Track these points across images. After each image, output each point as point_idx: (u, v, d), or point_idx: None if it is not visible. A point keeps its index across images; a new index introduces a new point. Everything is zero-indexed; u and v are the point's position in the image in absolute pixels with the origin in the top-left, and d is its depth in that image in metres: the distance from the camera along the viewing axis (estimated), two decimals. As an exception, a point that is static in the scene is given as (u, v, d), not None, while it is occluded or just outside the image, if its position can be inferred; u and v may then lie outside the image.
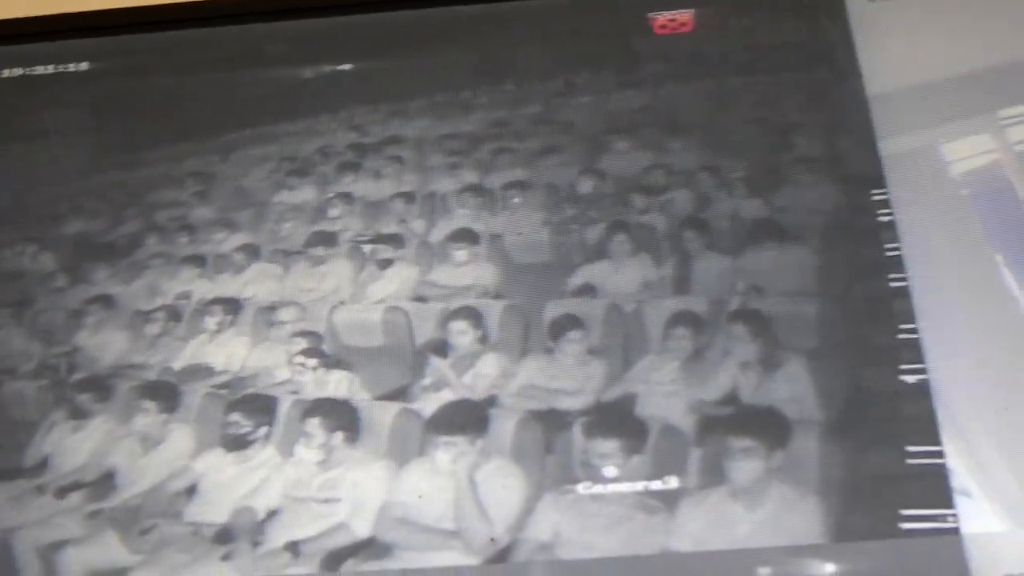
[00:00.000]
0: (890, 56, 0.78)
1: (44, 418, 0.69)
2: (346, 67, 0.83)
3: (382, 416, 0.67)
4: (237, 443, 0.67)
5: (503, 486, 0.63)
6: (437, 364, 0.69)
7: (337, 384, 0.69)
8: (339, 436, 0.66)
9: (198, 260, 0.76)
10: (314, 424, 0.67)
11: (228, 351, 0.71)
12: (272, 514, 0.64)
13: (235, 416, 0.68)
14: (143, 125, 0.82)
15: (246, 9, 0.84)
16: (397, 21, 0.84)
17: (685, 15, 0.82)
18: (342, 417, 0.67)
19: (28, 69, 0.84)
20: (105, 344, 0.72)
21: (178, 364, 0.71)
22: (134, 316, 0.74)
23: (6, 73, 0.84)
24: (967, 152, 0.74)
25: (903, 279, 0.68)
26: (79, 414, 0.69)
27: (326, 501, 0.64)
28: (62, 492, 0.66)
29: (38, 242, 0.77)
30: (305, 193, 0.79)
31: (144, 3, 0.84)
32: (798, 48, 0.79)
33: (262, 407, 0.68)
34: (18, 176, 0.81)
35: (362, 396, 0.68)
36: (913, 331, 0.66)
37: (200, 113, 0.82)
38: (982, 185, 0.73)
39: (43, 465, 0.67)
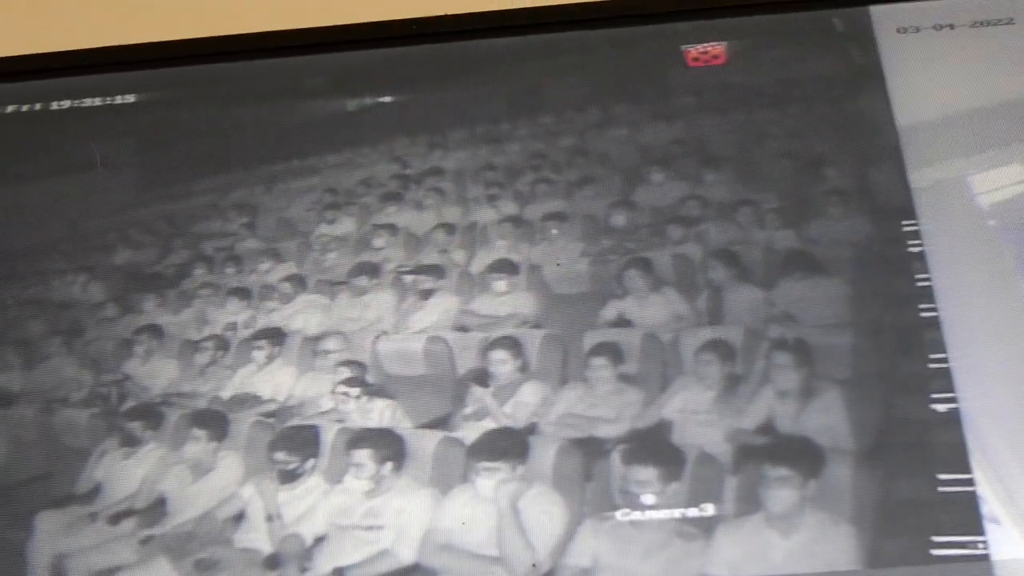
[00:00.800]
0: (919, 87, 0.79)
1: (96, 446, 0.71)
2: (386, 99, 0.85)
3: (425, 444, 0.68)
4: (287, 478, 0.68)
5: (544, 512, 0.64)
6: (478, 393, 0.70)
7: (380, 413, 0.70)
8: (389, 466, 0.68)
9: (245, 291, 0.78)
10: (364, 455, 0.68)
11: (275, 380, 0.73)
12: (319, 541, 0.65)
13: (280, 455, 0.69)
14: (188, 157, 0.84)
15: (287, 43, 0.85)
16: (436, 54, 0.85)
17: (718, 48, 0.83)
18: (391, 447, 0.68)
19: (77, 101, 0.86)
20: (155, 373, 0.74)
21: (227, 393, 0.73)
22: (183, 345, 0.75)
23: (55, 105, 0.86)
24: (996, 183, 0.75)
25: (934, 309, 0.69)
26: (130, 441, 0.71)
27: (370, 528, 0.65)
28: (115, 519, 0.68)
29: (88, 272, 0.79)
30: (348, 224, 0.81)
31: (188, 37, 0.86)
32: (829, 80, 0.80)
33: (306, 440, 0.69)
34: (68, 207, 0.82)
35: (404, 425, 0.69)
36: (944, 361, 0.67)
37: (244, 145, 0.84)
38: (1011, 216, 0.74)
39: (95, 492, 0.69)
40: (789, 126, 0.80)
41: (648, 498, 0.64)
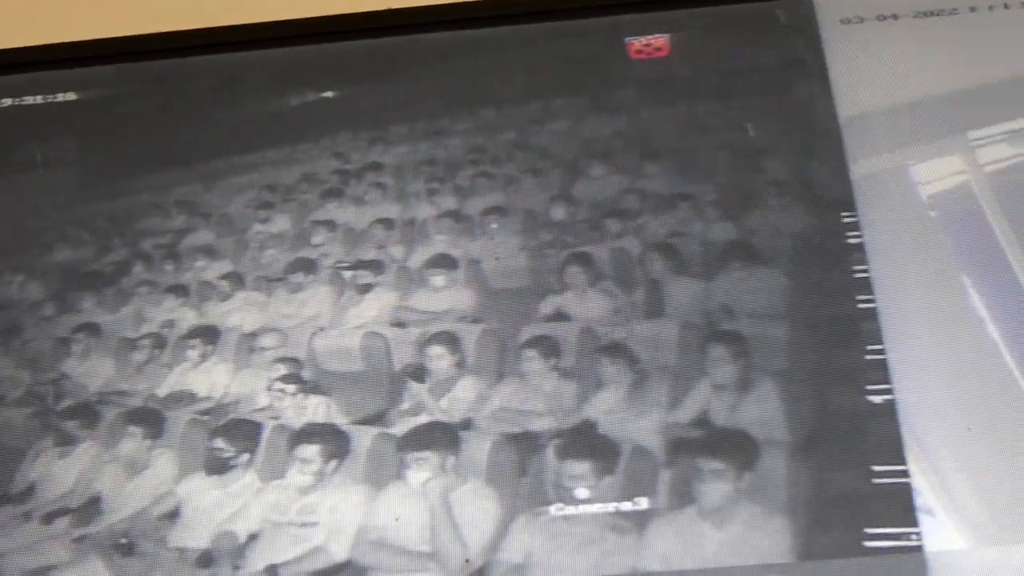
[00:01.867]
0: (862, 78, 0.79)
1: (31, 445, 0.70)
2: (328, 95, 0.85)
3: (361, 441, 0.68)
4: (219, 468, 0.68)
5: (477, 508, 0.64)
6: (415, 389, 0.70)
7: (315, 409, 0.70)
8: (333, 464, 0.67)
9: (183, 289, 0.77)
10: (313, 451, 0.68)
11: (211, 378, 0.72)
12: (252, 538, 0.65)
13: (219, 442, 0.69)
14: (129, 154, 0.84)
15: (229, 39, 0.85)
16: (378, 49, 0.85)
17: (661, 40, 0.83)
18: (338, 443, 0.68)
19: (17, 100, 0.86)
20: (92, 371, 0.74)
21: (163, 391, 0.72)
22: (120, 344, 0.75)
23: (-5, 104, 0.86)
24: (937, 174, 0.75)
25: (871, 300, 0.69)
26: (66, 440, 0.70)
27: (304, 525, 0.65)
28: (48, 518, 0.67)
29: (25, 271, 0.79)
30: (286, 221, 0.80)
31: (130, 34, 0.85)
32: (771, 71, 0.80)
33: (246, 433, 0.69)
34: (8, 207, 0.82)
35: (340, 421, 0.69)
36: (880, 352, 0.67)
37: (185, 142, 0.84)
38: (951, 207, 0.73)
39: (30, 491, 0.69)
40: (730, 118, 0.79)
41: (582, 492, 0.64)
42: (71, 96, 0.86)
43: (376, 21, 0.85)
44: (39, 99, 0.86)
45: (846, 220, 0.72)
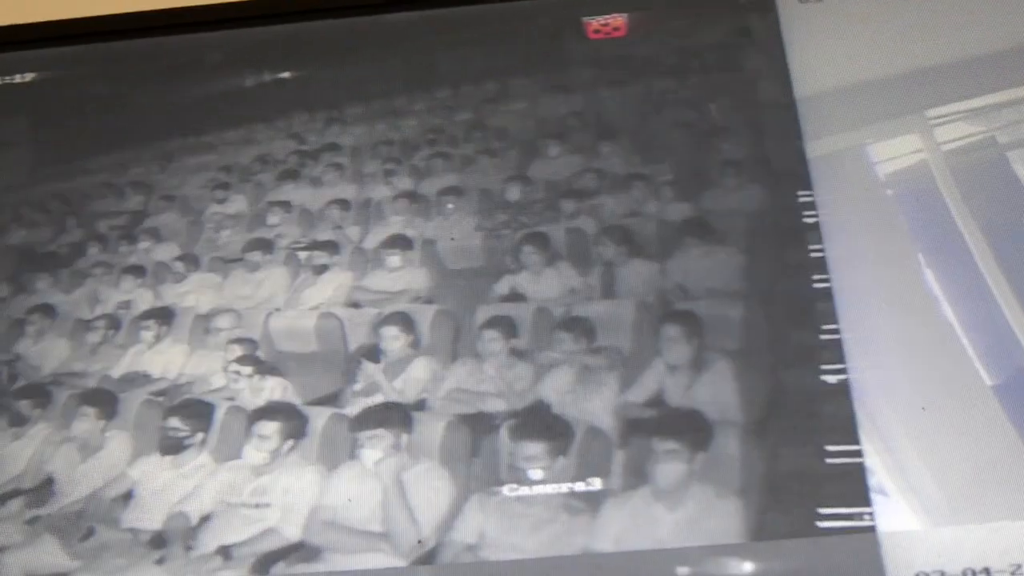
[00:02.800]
0: (819, 57, 0.78)
1: (-16, 425, 0.71)
2: (284, 75, 0.84)
3: (315, 421, 0.68)
4: (173, 447, 0.68)
5: (430, 488, 0.64)
6: (369, 369, 0.70)
7: (271, 390, 0.70)
8: (289, 443, 0.67)
9: (138, 269, 0.77)
10: (271, 428, 0.68)
11: (166, 359, 0.72)
12: (205, 519, 0.65)
13: (173, 421, 0.69)
14: (85, 135, 0.83)
15: (185, 19, 0.84)
16: (334, 29, 0.85)
17: (619, 19, 0.83)
18: (296, 423, 0.68)
19: (-27, 81, 0.86)
20: (46, 352, 0.73)
21: (117, 372, 0.72)
22: (75, 325, 0.75)
23: (-48, 85, 0.86)
24: (894, 152, 0.75)
25: (826, 280, 0.69)
26: (18, 421, 0.70)
27: (257, 506, 0.65)
28: (1, 500, 0.67)
29: (-20, 252, 0.79)
30: (242, 202, 0.80)
31: (88, 15, 0.85)
32: (728, 49, 0.80)
33: (199, 412, 0.69)
34: (-40, 188, 0.82)
35: (295, 402, 0.69)
36: (835, 332, 0.67)
37: (141, 123, 0.83)
38: (908, 185, 0.73)
39: (-19, 475, 0.69)
40: (686, 97, 0.79)
41: (536, 473, 0.64)
42: (28, 77, 0.86)
43: (333, 1, 0.84)
44: (-4, 80, 0.86)
45: (802, 199, 0.72)
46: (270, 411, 0.69)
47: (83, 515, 0.66)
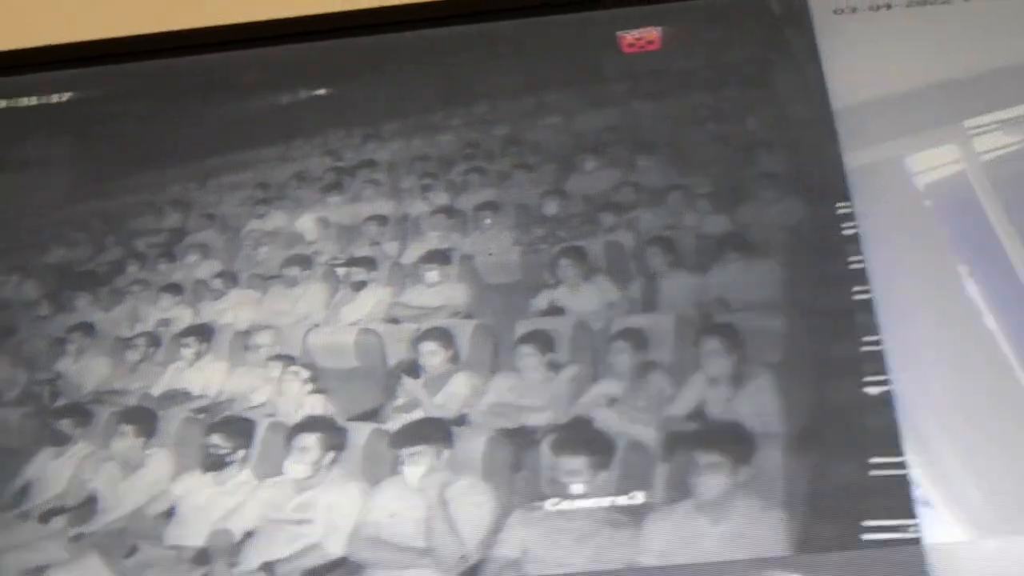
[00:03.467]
0: (856, 68, 0.78)
1: (28, 444, 0.71)
2: (320, 92, 0.85)
3: (356, 437, 0.68)
4: (214, 464, 0.68)
5: (473, 503, 0.64)
6: (409, 385, 0.70)
7: (312, 406, 0.70)
8: (330, 456, 0.67)
9: (177, 287, 0.78)
10: (311, 440, 0.68)
11: (205, 376, 0.73)
12: (248, 536, 0.65)
13: (214, 438, 0.69)
14: (123, 154, 0.84)
15: (222, 38, 0.85)
16: (370, 46, 0.85)
17: (653, 33, 0.83)
18: (336, 437, 0.68)
19: (12, 101, 0.86)
20: (87, 371, 0.74)
21: (157, 390, 0.72)
22: (115, 343, 0.75)
23: (-9, 105, 0.86)
24: (933, 163, 0.74)
25: (867, 291, 0.69)
26: (60, 440, 0.70)
27: (300, 522, 0.65)
28: (45, 517, 0.67)
29: (21, 271, 0.79)
30: (280, 219, 0.80)
31: (123, 35, 0.85)
32: (764, 63, 0.80)
33: (240, 429, 0.69)
34: (3, 206, 0.82)
35: (336, 417, 0.69)
36: (876, 343, 0.66)
37: (178, 141, 0.84)
38: (947, 196, 0.73)
39: (26, 490, 0.69)
40: (723, 110, 0.79)
41: (577, 487, 0.64)
42: (66, 97, 0.86)
43: (368, 18, 0.85)
44: (34, 100, 0.86)
45: (841, 211, 0.72)
46: (309, 425, 0.69)
47: (126, 532, 0.66)
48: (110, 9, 0.87)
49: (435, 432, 0.67)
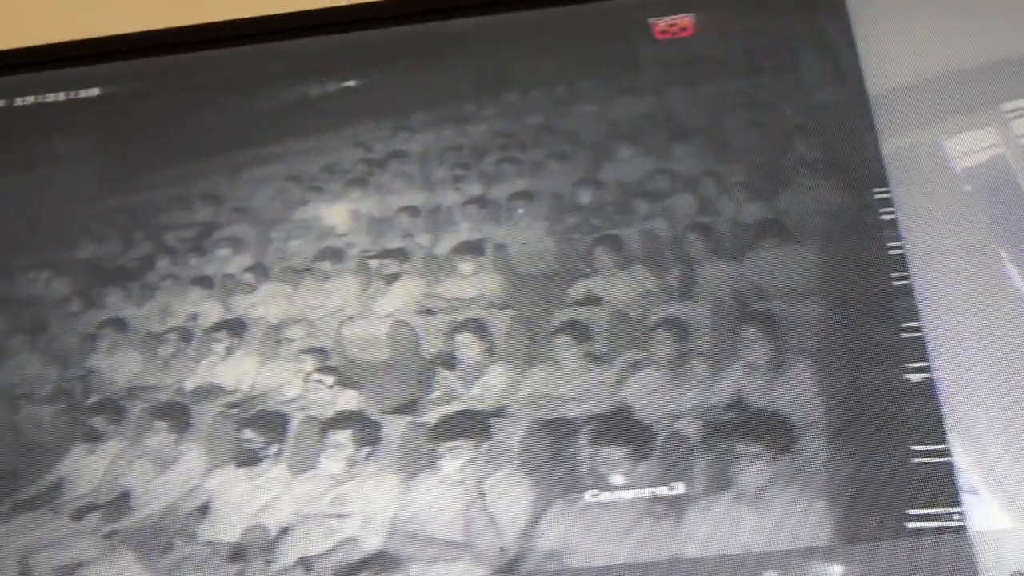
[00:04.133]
0: (891, 53, 0.77)
1: (60, 441, 0.70)
2: (350, 84, 0.84)
3: (391, 430, 0.67)
4: (248, 459, 0.68)
5: (511, 495, 0.64)
6: (445, 377, 0.70)
7: (346, 400, 0.69)
8: (365, 451, 0.67)
9: (207, 281, 0.77)
10: (344, 436, 0.68)
11: (238, 370, 0.72)
12: (283, 531, 0.65)
13: (247, 433, 0.69)
14: (152, 148, 0.84)
15: (249, 31, 0.85)
16: (400, 36, 0.85)
17: (685, 19, 0.82)
18: (369, 431, 0.68)
19: (40, 97, 0.86)
20: (119, 366, 0.74)
21: (189, 385, 0.72)
22: (146, 338, 0.75)
23: (19, 102, 0.86)
24: (971, 147, 0.74)
25: (906, 277, 0.68)
26: (93, 436, 0.70)
27: (337, 516, 0.65)
28: (78, 514, 0.67)
29: (52, 267, 0.79)
30: (311, 211, 0.80)
31: (150, 28, 0.85)
32: (798, 49, 0.79)
33: (273, 424, 0.69)
34: (32, 202, 0.82)
35: (370, 411, 0.69)
36: (916, 329, 0.66)
37: (207, 135, 0.83)
38: (986, 180, 0.72)
39: (59, 487, 0.68)
40: (758, 96, 0.79)
41: (617, 478, 0.63)
42: (94, 92, 0.86)
43: (397, 8, 0.84)
44: (61, 96, 0.86)
45: (878, 196, 0.71)
46: (341, 420, 0.69)
47: (160, 529, 0.66)
48: (137, 3, 0.87)
49: (473, 425, 0.67)
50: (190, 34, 0.85)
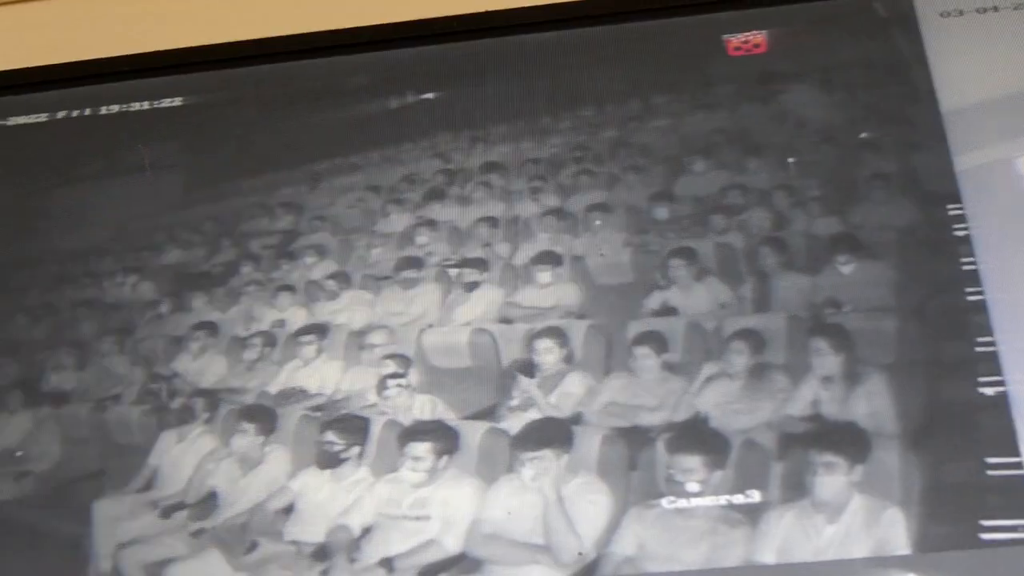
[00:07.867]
0: (963, 71, 0.78)
1: (147, 442, 0.72)
2: (428, 96, 0.86)
3: (471, 436, 0.69)
4: (330, 461, 0.69)
5: (590, 501, 0.65)
6: (524, 384, 0.71)
7: (425, 406, 0.71)
8: (445, 460, 0.68)
9: (291, 288, 0.79)
10: (423, 449, 0.69)
11: (321, 375, 0.74)
12: (366, 531, 0.66)
13: (330, 435, 0.70)
14: (234, 157, 0.85)
15: (330, 43, 0.86)
16: (478, 50, 0.86)
17: (759, 36, 0.83)
18: (448, 440, 0.69)
19: (125, 106, 0.88)
20: (204, 369, 0.75)
21: (274, 388, 0.74)
22: (231, 342, 0.76)
23: (104, 110, 0.88)
24: (1043, 165, 0.75)
25: (980, 292, 0.69)
26: (180, 437, 0.72)
27: (417, 518, 0.66)
28: (167, 512, 0.69)
29: (138, 272, 0.81)
30: (391, 221, 0.81)
31: (233, 40, 0.87)
32: (871, 65, 0.80)
33: (355, 427, 0.70)
34: (118, 209, 0.84)
35: (450, 417, 0.70)
36: (991, 344, 0.67)
37: (288, 144, 0.85)
38: (1059, 198, 0.73)
39: (147, 486, 0.70)
40: (832, 113, 0.79)
41: (693, 486, 0.64)
42: (176, 102, 0.88)
43: (475, 23, 0.85)
44: (145, 105, 0.87)
45: (952, 212, 0.72)
46: (420, 431, 0.70)
47: (247, 528, 0.68)
48: (220, 14, 0.88)
49: (555, 434, 0.68)
50: (272, 45, 0.87)
